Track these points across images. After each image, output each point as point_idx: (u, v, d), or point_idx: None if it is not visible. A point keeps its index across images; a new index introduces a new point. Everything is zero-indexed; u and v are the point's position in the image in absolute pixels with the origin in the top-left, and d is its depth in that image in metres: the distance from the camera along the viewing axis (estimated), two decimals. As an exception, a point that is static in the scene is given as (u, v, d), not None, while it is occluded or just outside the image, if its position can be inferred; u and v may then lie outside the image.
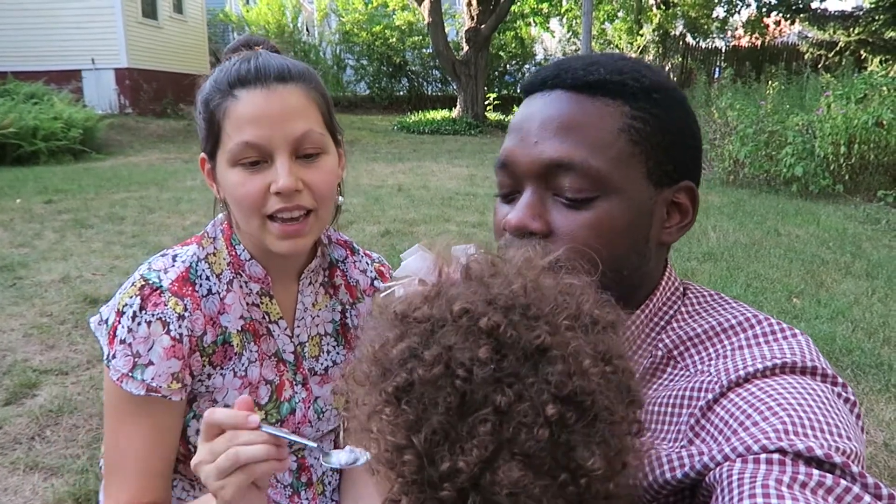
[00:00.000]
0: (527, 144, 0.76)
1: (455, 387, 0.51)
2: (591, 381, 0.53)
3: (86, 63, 13.98)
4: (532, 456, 0.50)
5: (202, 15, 17.96)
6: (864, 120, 7.35)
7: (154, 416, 1.03)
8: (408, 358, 0.54)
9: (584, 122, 0.74)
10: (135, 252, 5.13)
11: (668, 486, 0.66)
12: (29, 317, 3.82)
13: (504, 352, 0.52)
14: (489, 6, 15.20)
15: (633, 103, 0.75)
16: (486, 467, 0.50)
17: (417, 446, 0.52)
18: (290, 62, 1.05)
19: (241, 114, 1.00)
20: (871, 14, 15.19)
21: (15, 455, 2.50)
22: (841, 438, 0.58)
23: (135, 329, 1.00)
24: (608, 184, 0.74)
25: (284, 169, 0.99)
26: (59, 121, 10.28)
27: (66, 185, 7.88)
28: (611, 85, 0.75)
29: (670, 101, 0.78)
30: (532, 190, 0.76)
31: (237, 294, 1.10)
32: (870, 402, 2.99)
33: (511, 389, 0.51)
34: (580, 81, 0.76)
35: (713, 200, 7.44)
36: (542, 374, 0.52)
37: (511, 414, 0.50)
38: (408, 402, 0.53)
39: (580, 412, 0.52)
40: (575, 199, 0.74)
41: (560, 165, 0.74)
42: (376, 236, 5.67)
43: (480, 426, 0.50)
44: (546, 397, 0.51)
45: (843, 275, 4.81)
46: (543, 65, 1.11)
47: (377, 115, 18.07)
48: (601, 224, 0.74)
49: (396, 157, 10.85)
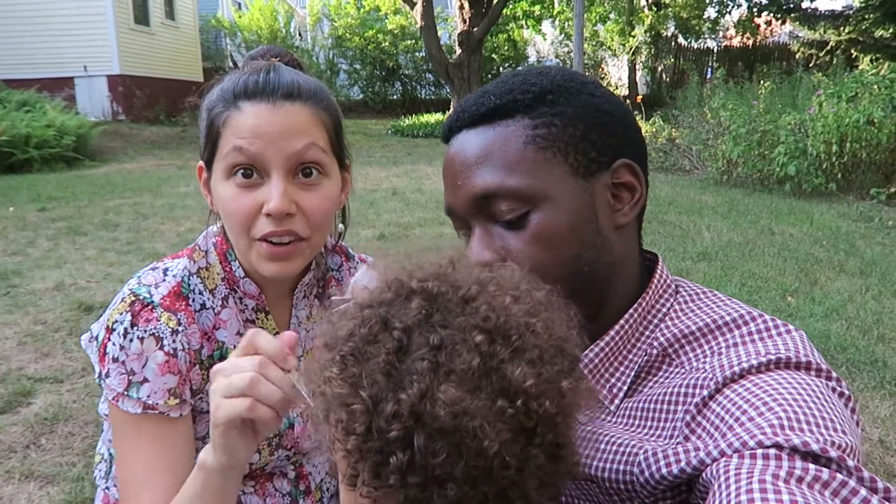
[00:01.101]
0: (454, 189, 0.81)
1: (392, 336, 0.57)
2: (516, 319, 0.58)
3: (78, 70, 13.96)
4: (467, 379, 0.54)
5: (194, 21, 17.94)
6: (855, 118, 7.38)
7: (154, 432, 0.98)
8: (352, 330, 0.59)
9: (491, 150, 0.78)
10: (129, 259, 5.11)
11: (664, 482, 0.66)
12: (23, 325, 3.81)
13: (435, 303, 0.59)
14: (481, 9, 15.24)
15: (530, 114, 0.77)
16: (426, 396, 0.53)
17: (363, 395, 0.55)
18: (304, 79, 1.00)
19: (241, 125, 0.95)
20: (861, 13, 15.28)
21: (10, 464, 2.48)
22: (836, 433, 0.59)
23: (127, 346, 0.96)
24: (533, 196, 0.76)
25: (278, 189, 0.94)
26: (52, 128, 10.25)
27: (60, 192, 7.85)
28: (503, 108, 0.78)
29: (567, 95, 0.79)
30: (477, 226, 0.80)
31: (233, 310, 1.07)
32: (865, 399, 3.00)
33: (444, 329, 0.56)
34: (476, 116, 0.80)
35: (707, 200, 7.46)
36: (469, 313, 0.58)
37: (444, 347, 0.55)
38: (353, 360, 0.57)
39: (507, 343, 0.56)
40: (510, 220, 0.77)
41: (485, 197, 0.77)
42: (371, 240, 5.67)
43: (418, 363, 0.55)
44: (474, 331, 0.56)
45: (837, 273, 4.83)
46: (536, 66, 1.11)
47: (371, 119, 18.08)
48: (543, 233, 0.76)
49: (391, 161, 10.86)
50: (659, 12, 19.92)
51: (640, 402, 0.77)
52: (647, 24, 19.40)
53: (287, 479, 1.18)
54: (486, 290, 0.60)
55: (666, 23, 20.56)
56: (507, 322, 0.57)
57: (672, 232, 5.93)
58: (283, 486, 1.17)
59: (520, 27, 21.09)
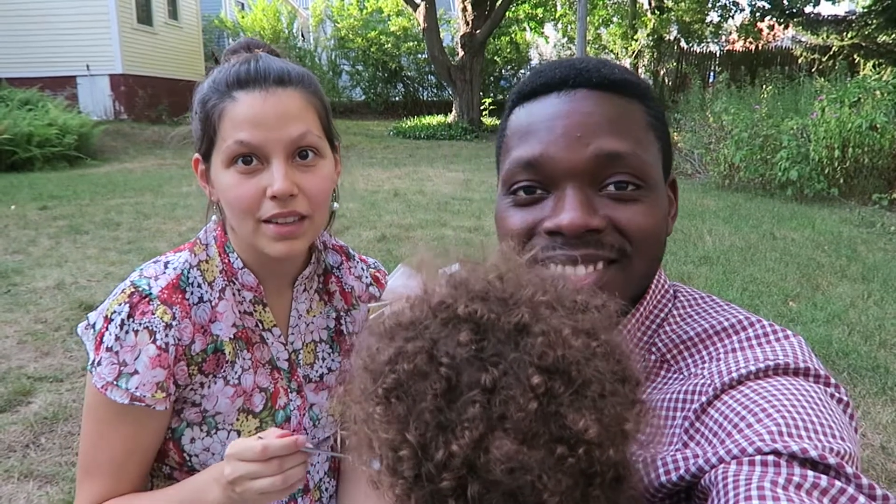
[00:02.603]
0: (570, 141, 0.74)
1: (440, 374, 0.51)
2: (575, 352, 0.52)
3: (80, 69, 13.98)
4: (523, 428, 0.49)
5: (197, 21, 17.97)
6: (857, 123, 7.39)
7: (135, 423, 1.02)
8: (395, 358, 0.54)
9: (624, 117, 0.76)
10: (130, 258, 5.12)
11: (663, 490, 0.65)
12: (23, 324, 3.81)
13: (485, 334, 0.53)
14: (484, 11, 15.25)
15: (646, 102, 0.79)
16: (479, 447, 0.49)
17: (411, 440, 0.51)
18: (290, 66, 1.04)
19: (239, 115, 0.99)
20: (864, 18, 15.28)
21: (9, 463, 2.48)
22: (835, 439, 0.58)
23: (122, 337, 0.99)
24: (650, 177, 0.76)
25: (280, 172, 0.98)
26: (54, 127, 10.27)
27: (61, 191, 7.86)
28: (629, 85, 0.78)
29: (657, 102, 0.82)
30: (577, 188, 0.74)
31: (230, 302, 1.09)
32: (867, 405, 3.00)
33: (495, 368, 0.51)
34: (605, 80, 0.76)
35: (709, 204, 7.46)
36: (523, 349, 0.52)
37: (497, 390, 0.50)
38: (397, 398, 0.53)
39: (567, 381, 0.51)
40: (624, 192, 0.74)
41: (615, 158, 0.73)
42: (373, 241, 5.67)
43: (469, 408, 0.50)
44: (530, 370, 0.50)
45: (839, 278, 4.83)
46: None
47: (373, 120, 18.10)
48: (651, 215, 0.76)
49: (392, 163, 10.87)
50: (661, 16, 19.92)
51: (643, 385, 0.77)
52: (650, 27, 19.40)
53: None
54: (539, 314, 0.54)
55: (668, 27, 20.56)
56: (566, 357, 0.52)
57: (674, 236, 5.91)
58: None
59: (522, 30, 21.09)
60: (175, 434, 1.07)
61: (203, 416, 1.06)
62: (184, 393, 1.05)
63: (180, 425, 1.07)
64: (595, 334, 0.55)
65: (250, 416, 1.09)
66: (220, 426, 1.07)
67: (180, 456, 1.08)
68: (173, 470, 1.11)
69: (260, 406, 1.11)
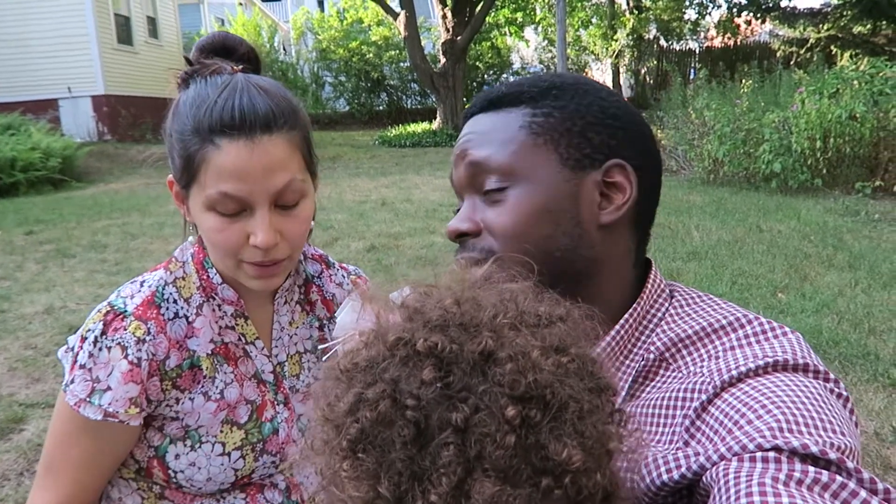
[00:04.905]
0: (455, 163, 0.87)
1: (407, 418, 0.48)
2: (546, 374, 0.49)
3: (62, 92, 13.90)
4: (503, 466, 0.46)
5: (178, 38, 17.94)
6: (837, 114, 7.47)
7: (102, 439, 1.02)
8: (356, 406, 0.51)
9: (490, 129, 0.84)
10: (119, 280, 5.08)
11: (665, 488, 0.65)
12: (13, 350, 3.77)
13: (449, 367, 0.49)
14: (464, 18, 15.32)
15: (533, 105, 0.83)
16: (460, 493, 0.46)
17: (385, 494, 0.48)
18: (275, 101, 0.99)
19: (223, 166, 0.94)
20: (839, 10, 15.48)
21: (4, 492, 2.45)
22: (835, 434, 0.59)
23: (96, 354, 0.99)
24: (514, 173, 0.80)
25: (265, 224, 0.96)
26: (38, 151, 10.19)
27: (47, 215, 7.80)
28: (510, 96, 0.85)
29: (573, 93, 0.83)
30: (466, 198, 0.86)
31: (208, 318, 1.08)
32: (859, 392, 3.02)
33: (465, 404, 0.48)
34: (485, 102, 0.87)
35: (695, 200, 7.51)
36: (492, 379, 0.48)
37: (470, 429, 0.47)
38: (364, 451, 0.49)
39: (543, 407, 0.48)
40: (490, 191, 0.82)
41: (475, 166, 0.83)
42: (362, 252, 5.66)
43: (443, 451, 0.47)
44: (503, 401, 0.47)
45: (826, 268, 4.87)
46: (520, 73, 1.13)
47: (358, 130, 18.10)
48: (515, 209, 0.80)
49: (379, 172, 10.87)
50: (640, 15, 20.10)
51: (639, 408, 0.77)
52: (629, 27, 19.55)
53: (278, 490, 1.18)
54: (503, 337, 0.51)
55: (647, 26, 20.74)
56: (538, 381, 0.48)
57: (661, 232, 5.96)
58: (274, 497, 1.17)
59: (503, 35, 21.19)
60: (159, 452, 1.07)
61: (186, 431, 1.06)
62: (159, 409, 1.05)
63: (163, 442, 1.07)
64: (564, 349, 0.52)
65: (234, 428, 1.09)
66: (204, 439, 1.07)
67: (165, 473, 1.08)
68: (164, 489, 1.11)
69: (245, 417, 1.11)
